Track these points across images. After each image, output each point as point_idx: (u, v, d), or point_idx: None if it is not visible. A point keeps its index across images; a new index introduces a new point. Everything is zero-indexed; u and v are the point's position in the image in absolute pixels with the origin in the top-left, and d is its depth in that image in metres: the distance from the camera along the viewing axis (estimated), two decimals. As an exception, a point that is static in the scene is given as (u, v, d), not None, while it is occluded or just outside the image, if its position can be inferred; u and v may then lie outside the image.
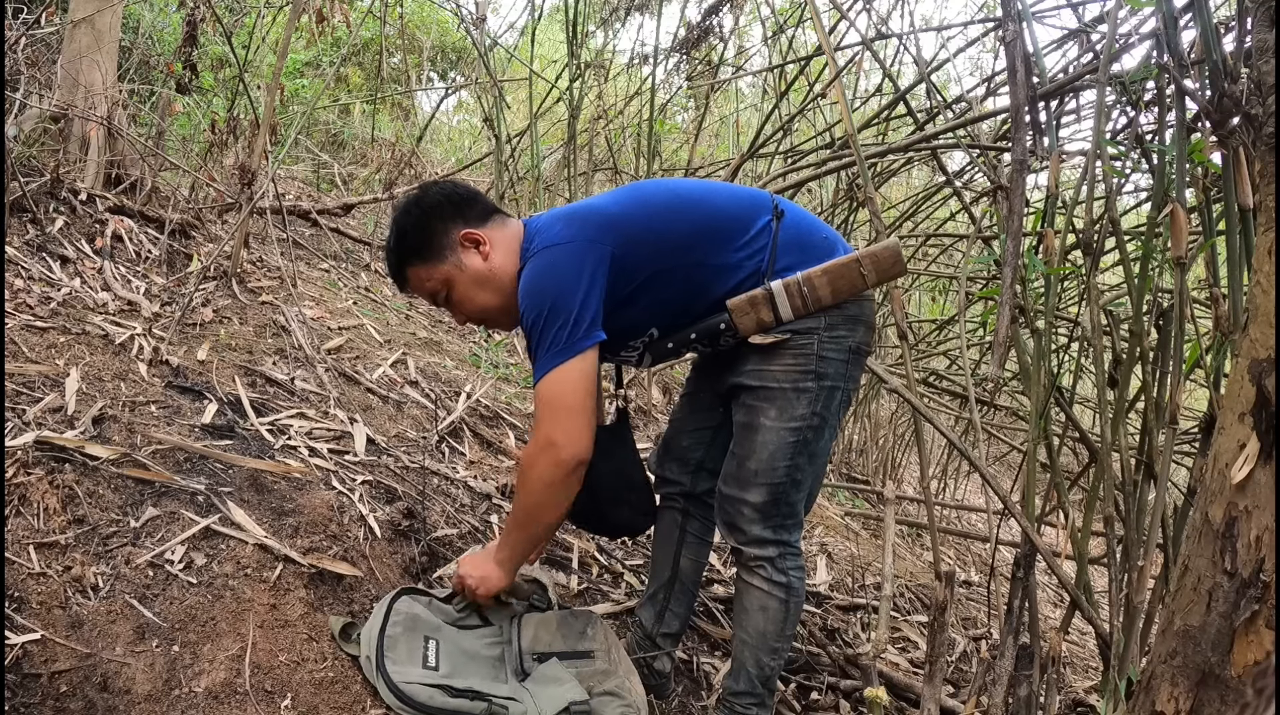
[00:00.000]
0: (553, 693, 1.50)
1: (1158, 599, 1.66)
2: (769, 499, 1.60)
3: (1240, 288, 1.47)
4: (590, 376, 1.50)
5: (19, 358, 1.88)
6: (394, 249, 1.66)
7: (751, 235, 1.58)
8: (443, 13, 6.78)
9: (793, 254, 1.58)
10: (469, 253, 1.62)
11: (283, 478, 1.83)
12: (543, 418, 1.50)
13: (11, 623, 1.31)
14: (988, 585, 3.32)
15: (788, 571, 1.64)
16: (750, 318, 1.55)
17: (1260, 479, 0.85)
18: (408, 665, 1.49)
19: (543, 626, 1.69)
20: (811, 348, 1.57)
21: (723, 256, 1.57)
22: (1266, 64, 1.05)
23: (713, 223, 1.58)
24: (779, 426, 1.57)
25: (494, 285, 1.62)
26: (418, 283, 1.66)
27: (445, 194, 1.66)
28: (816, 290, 1.54)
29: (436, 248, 1.62)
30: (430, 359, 3.02)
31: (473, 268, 1.62)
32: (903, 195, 4.62)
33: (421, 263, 1.63)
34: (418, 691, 1.45)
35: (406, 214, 1.64)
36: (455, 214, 1.64)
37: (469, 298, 1.64)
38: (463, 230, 1.62)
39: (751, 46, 5.22)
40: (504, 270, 1.62)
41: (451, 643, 1.59)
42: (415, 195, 1.67)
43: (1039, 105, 1.66)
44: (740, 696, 1.71)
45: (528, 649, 1.65)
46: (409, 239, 1.63)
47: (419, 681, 1.46)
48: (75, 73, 2.85)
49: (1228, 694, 0.87)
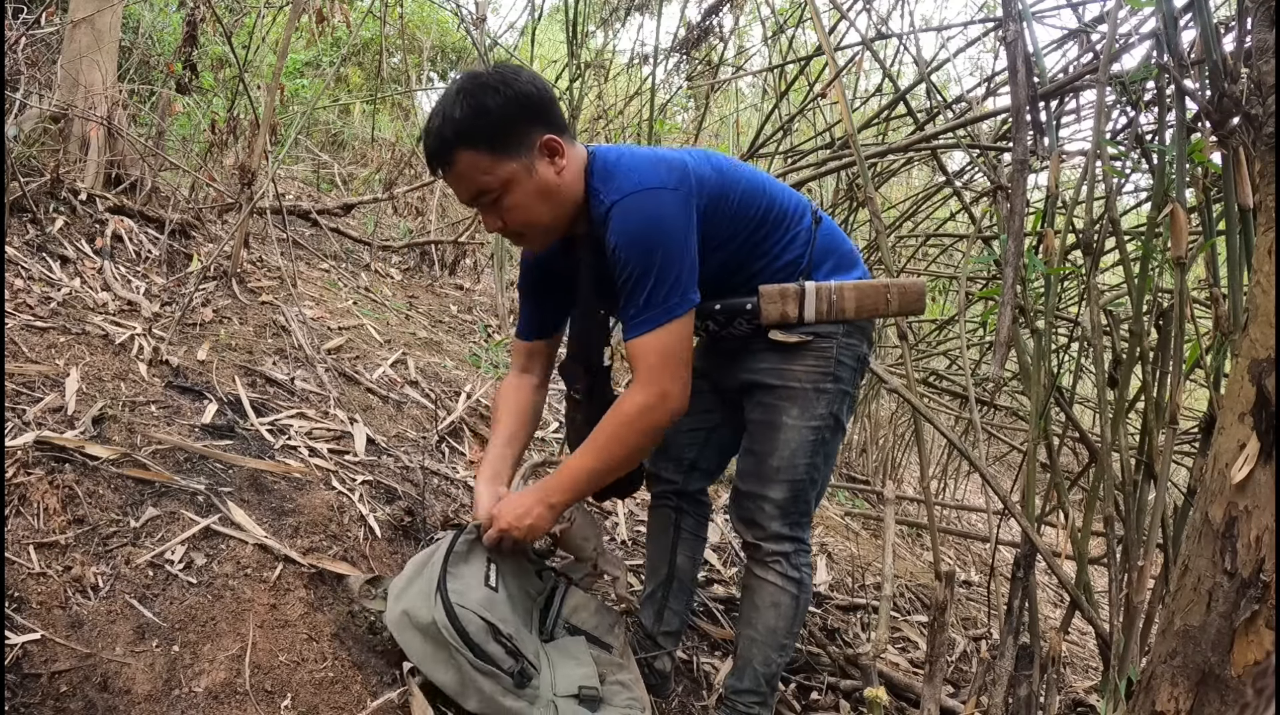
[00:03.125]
0: (570, 671, 1.50)
1: (1158, 599, 1.66)
2: (789, 495, 1.62)
3: (1240, 288, 1.47)
4: (692, 331, 1.50)
5: (19, 358, 1.88)
6: (458, 124, 1.41)
7: (798, 231, 1.61)
8: (443, 13, 6.78)
9: (828, 258, 1.63)
10: (543, 160, 1.46)
11: (283, 478, 1.83)
12: (657, 369, 1.46)
13: (11, 623, 1.31)
14: (988, 585, 3.33)
15: (800, 568, 1.67)
16: (776, 308, 1.57)
17: (1260, 479, 0.85)
18: (469, 581, 1.46)
19: (584, 603, 1.70)
20: (831, 352, 1.60)
21: (772, 244, 1.59)
22: (1266, 64, 1.05)
23: (775, 211, 1.60)
24: (801, 425, 1.60)
25: (555, 200, 1.49)
26: (470, 171, 1.44)
27: (538, 88, 1.46)
28: (843, 302, 1.59)
29: (514, 141, 1.43)
30: (430, 359, 3.02)
31: (543, 176, 1.46)
32: (903, 195, 4.62)
33: (489, 151, 1.42)
34: (470, 620, 1.40)
35: (492, 92, 1.42)
36: (543, 113, 1.46)
37: (526, 206, 1.47)
38: (547, 134, 1.46)
39: (751, 46, 5.22)
40: (571, 189, 1.49)
41: (507, 573, 1.56)
42: (503, 74, 1.44)
43: (1039, 105, 1.66)
44: (743, 695, 1.71)
45: (566, 615, 1.65)
46: (485, 121, 1.41)
47: (475, 610, 1.42)
48: (75, 73, 2.85)
49: (1228, 694, 0.87)
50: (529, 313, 1.76)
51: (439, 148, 1.44)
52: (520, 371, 1.77)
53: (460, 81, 1.45)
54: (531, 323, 1.76)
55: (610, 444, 1.50)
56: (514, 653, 1.44)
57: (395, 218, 4.94)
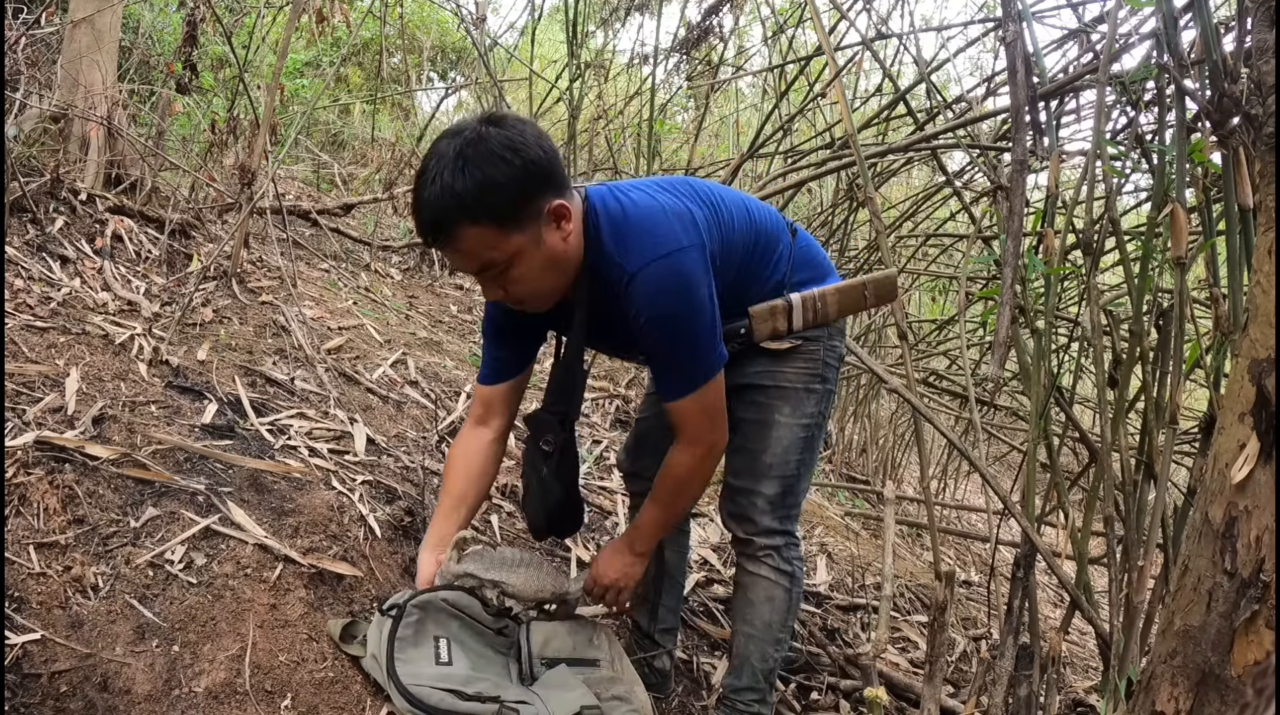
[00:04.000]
0: (564, 697, 1.49)
1: (1158, 599, 1.66)
2: (781, 490, 1.67)
3: (1240, 288, 1.47)
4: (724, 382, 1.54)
5: (19, 358, 1.88)
6: (461, 198, 1.28)
7: (780, 248, 1.64)
8: (443, 13, 6.78)
9: (806, 270, 1.66)
10: (550, 229, 1.36)
11: (283, 478, 1.83)
12: (703, 426, 1.53)
13: (11, 623, 1.31)
14: (988, 585, 3.32)
15: (791, 561, 1.71)
16: (768, 325, 1.61)
17: (1260, 479, 0.85)
18: (420, 664, 1.47)
19: (553, 632, 1.68)
20: (818, 354, 1.66)
21: (760, 269, 1.62)
22: (1266, 64, 1.05)
23: (760, 237, 1.62)
24: (792, 422, 1.65)
25: (562, 268, 1.41)
26: (473, 247, 1.33)
27: (544, 149, 1.34)
28: (827, 306, 1.64)
29: (522, 215, 1.32)
30: (430, 359, 3.02)
31: (551, 247, 1.37)
32: (903, 195, 4.62)
33: (495, 226, 1.31)
34: (429, 695, 1.42)
35: (500, 163, 1.28)
36: (551, 177, 1.35)
37: (532, 278, 1.39)
38: (556, 201, 1.35)
39: (751, 46, 5.23)
40: (576, 252, 1.42)
41: (461, 640, 1.57)
42: (510, 141, 1.30)
43: (1039, 105, 1.66)
44: (742, 693, 1.71)
45: (537, 654, 1.63)
46: (493, 195, 1.29)
47: (430, 684, 1.43)
48: (75, 73, 2.85)
49: (1228, 694, 0.87)
50: (493, 356, 1.66)
51: (438, 221, 1.31)
52: (477, 423, 1.68)
53: (459, 144, 1.30)
54: (495, 367, 1.66)
55: (676, 499, 1.62)
56: (491, 699, 1.44)
57: (395, 218, 4.94)
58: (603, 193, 1.48)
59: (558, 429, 1.63)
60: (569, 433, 1.65)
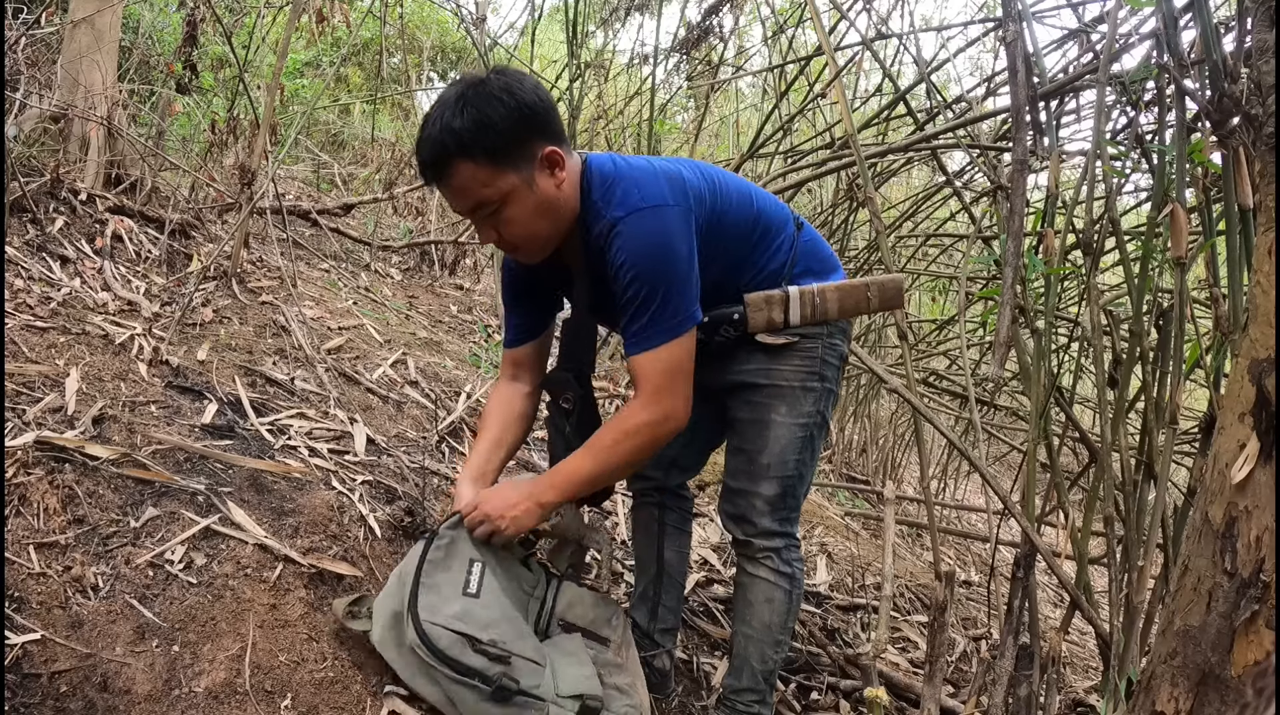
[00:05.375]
0: (573, 672, 1.47)
1: (1158, 599, 1.66)
2: (780, 492, 1.64)
3: (1240, 288, 1.47)
4: (694, 347, 1.50)
5: (19, 358, 1.88)
6: (458, 134, 1.36)
7: (782, 238, 1.63)
8: (443, 13, 6.78)
9: (808, 262, 1.65)
10: (544, 173, 1.42)
11: (283, 478, 1.83)
12: (661, 387, 1.47)
13: (11, 623, 1.31)
14: (988, 585, 3.32)
15: (791, 562, 1.69)
16: (763, 315, 1.59)
17: (1260, 479, 0.85)
18: (446, 592, 1.44)
19: (578, 598, 1.67)
20: (816, 352, 1.63)
21: (759, 256, 1.60)
22: (1266, 64, 1.05)
23: (762, 222, 1.61)
24: (790, 422, 1.63)
25: (554, 216, 1.46)
26: (469, 183, 1.39)
27: (540, 97, 1.41)
28: (826, 303, 1.61)
29: (516, 154, 1.38)
30: (430, 359, 3.02)
31: (544, 190, 1.42)
32: (903, 195, 4.62)
33: (489, 163, 1.37)
34: (440, 636, 1.40)
35: (495, 102, 1.36)
36: (545, 124, 1.42)
37: (523, 221, 1.44)
38: (549, 147, 1.41)
39: (751, 46, 5.23)
40: (569, 202, 1.46)
41: (495, 571, 1.53)
42: (507, 83, 1.38)
43: (1039, 105, 1.66)
44: (742, 694, 1.71)
45: (560, 612, 1.63)
46: (488, 132, 1.35)
47: (446, 624, 1.41)
48: (75, 73, 2.85)
49: (1228, 694, 0.87)
50: (515, 320, 1.73)
51: (436, 157, 1.39)
52: (510, 379, 1.75)
53: (460, 88, 1.39)
54: (517, 331, 1.73)
55: (610, 451, 1.51)
56: (499, 658, 1.42)
57: (395, 218, 4.94)
58: (602, 157, 1.53)
59: (574, 385, 1.64)
60: (586, 389, 1.65)
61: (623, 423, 1.50)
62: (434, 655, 1.40)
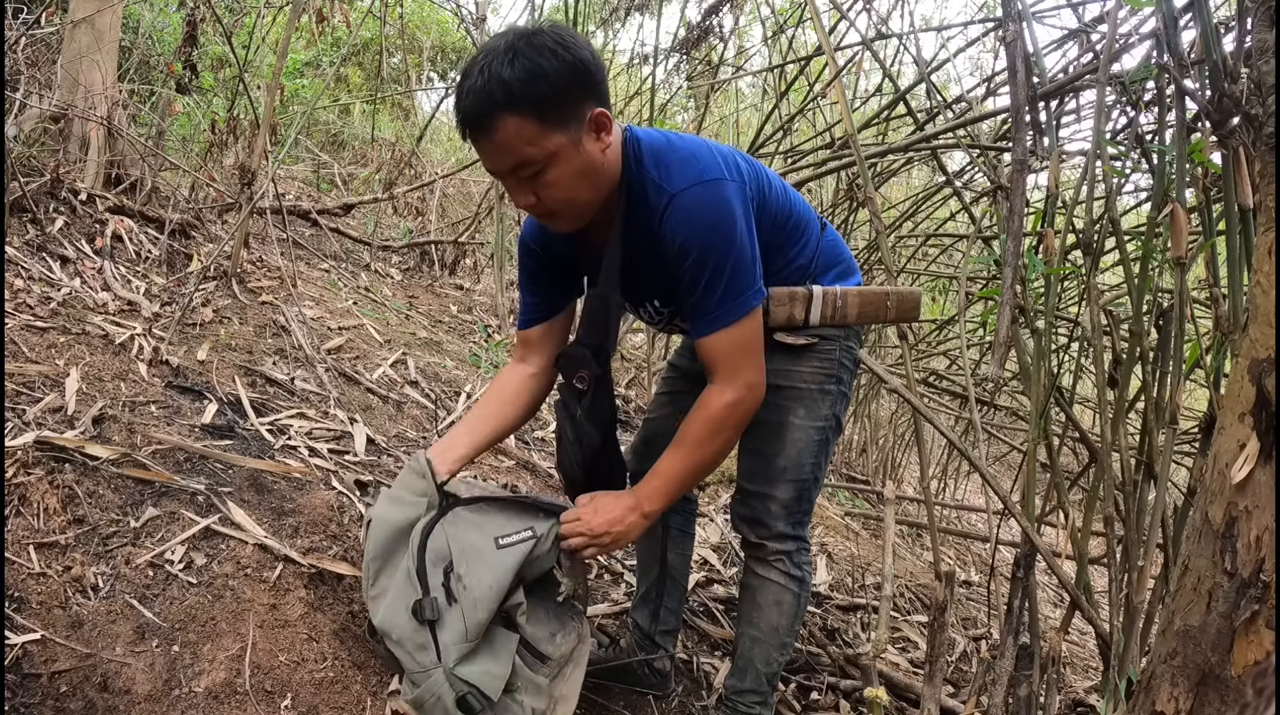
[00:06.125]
0: (483, 664, 1.37)
1: (1158, 599, 1.66)
2: (795, 495, 1.62)
3: (1240, 288, 1.47)
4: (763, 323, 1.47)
5: (19, 358, 1.88)
6: (508, 85, 1.25)
7: (809, 237, 1.61)
8: (443, 13, 6.78)
9: (832, 266, 1.64)
10: (590, 136, 1.35)
11: (283, 478, 1.83)
12: (740, 364, 1.44)
13: (11, 623, 1.31)
14: (988, 585, 3.32)
15: (802, 566, 1.68)
16: (784, 310, 1.56)
17: (1260, 479, 0.85)
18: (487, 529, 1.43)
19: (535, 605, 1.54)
20: (834, 354, 1.62)
21: (789, 248, 1.59)
22: (1266, 64, 1.05)
23: (794, 216, 1.60)
24: (807, 425, 1.61)
25: (596, 181, 1.39)
26: (513, 140, 1.29)
27: (594, 55, 1.33)
28: (846, 307, 1.59)
29: (565, 112, 1.30)
30: (430, 359, 3.02)
31: (589, 154, 1.35)
32: (903, 195, 4.62)
33: (537, 120, 1.28)
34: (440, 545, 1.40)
35: (549, 54, 1.27)
36: (596, 84, 1.34)
37: (566, 184, 1.35)
38: (598, 108, 1.34)
39: (751, 46, 5.23)
40: (611, 170, 1.41)
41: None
42: (560, 36, 1.30)
43: (1039, 105, 1.66)
44: (744, 695, 1.71)
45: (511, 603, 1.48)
46: (539, 86, 1.26)
47: (450, 545, 1.40)
48: (75, 73, 2.85)
49: (1228, 694, 0.87)
50: (530, 300, 1.67)
51: (481, 109, 1.27)
52: (517, 361, 1.70)
53: (510, 38, 1.29)
54: (531, 312, 1.67)
55: (702, 443, 1.47)
56: (449, 590, 1.36)
57: (395, 218, 4.94)
58: (649, 130, 1.48)
59: (592, 363, 1.55)
60: (604, 368, 1.57)
61: (706, 410, 1.46)
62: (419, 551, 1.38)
